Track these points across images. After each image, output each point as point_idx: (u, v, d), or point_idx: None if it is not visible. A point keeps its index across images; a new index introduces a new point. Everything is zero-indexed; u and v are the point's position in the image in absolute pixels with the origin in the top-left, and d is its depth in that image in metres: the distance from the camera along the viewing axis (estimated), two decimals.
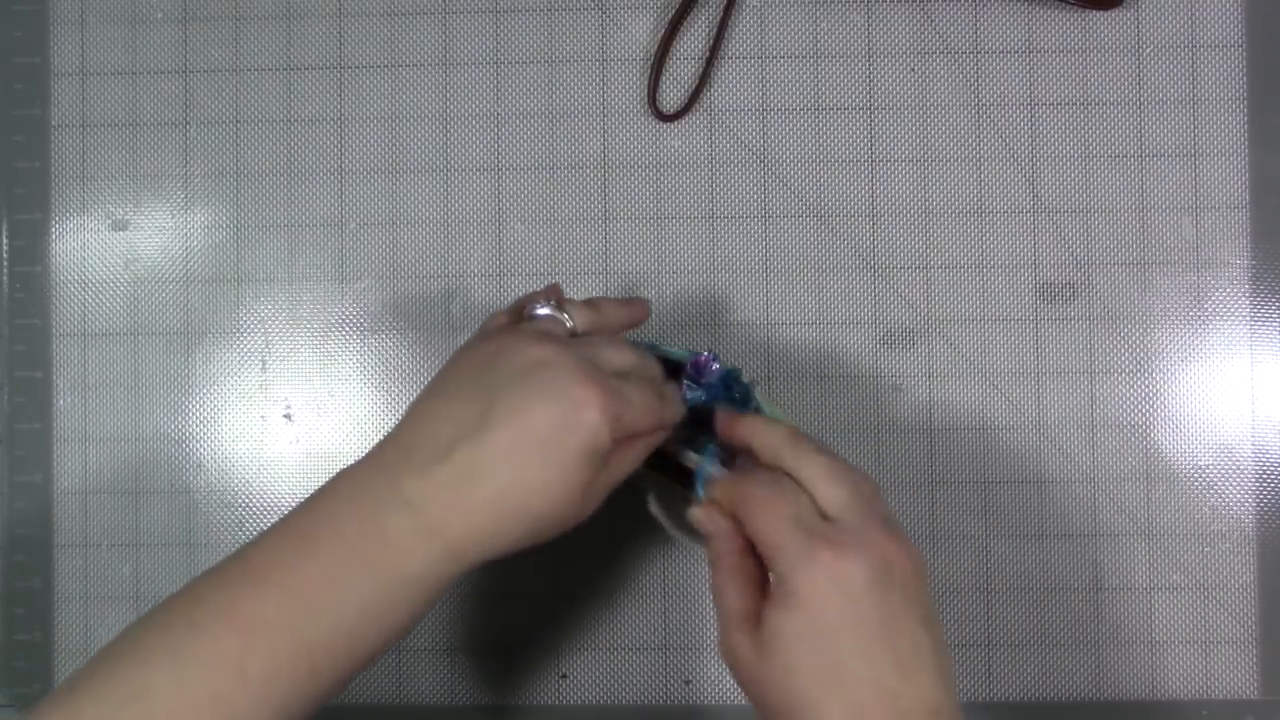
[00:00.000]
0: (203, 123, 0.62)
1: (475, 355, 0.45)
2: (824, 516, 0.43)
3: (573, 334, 0.47)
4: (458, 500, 0.42)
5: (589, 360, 0.44)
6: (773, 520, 0.43)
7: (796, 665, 0.41)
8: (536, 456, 0.42)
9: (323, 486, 0.44)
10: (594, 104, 0.61)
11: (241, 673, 0.40)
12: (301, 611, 0.41)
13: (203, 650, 0.40)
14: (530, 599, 0.61)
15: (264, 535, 0.43)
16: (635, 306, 0.51)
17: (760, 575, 0.44)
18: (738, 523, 0.45)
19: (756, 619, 0.43)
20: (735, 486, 0.45)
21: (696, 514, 0.47)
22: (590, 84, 0.61)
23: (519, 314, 0.49)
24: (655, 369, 0.48)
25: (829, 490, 0.44)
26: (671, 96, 0.61)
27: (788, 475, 0.45)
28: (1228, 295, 0.60)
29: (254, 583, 0.41)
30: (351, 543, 0.42)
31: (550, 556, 0.61)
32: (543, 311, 0.48)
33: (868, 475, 0.45)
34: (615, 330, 0.50)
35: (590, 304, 0.49)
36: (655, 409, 0.45)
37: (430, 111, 0.62)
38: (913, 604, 0.42)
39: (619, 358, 0.46)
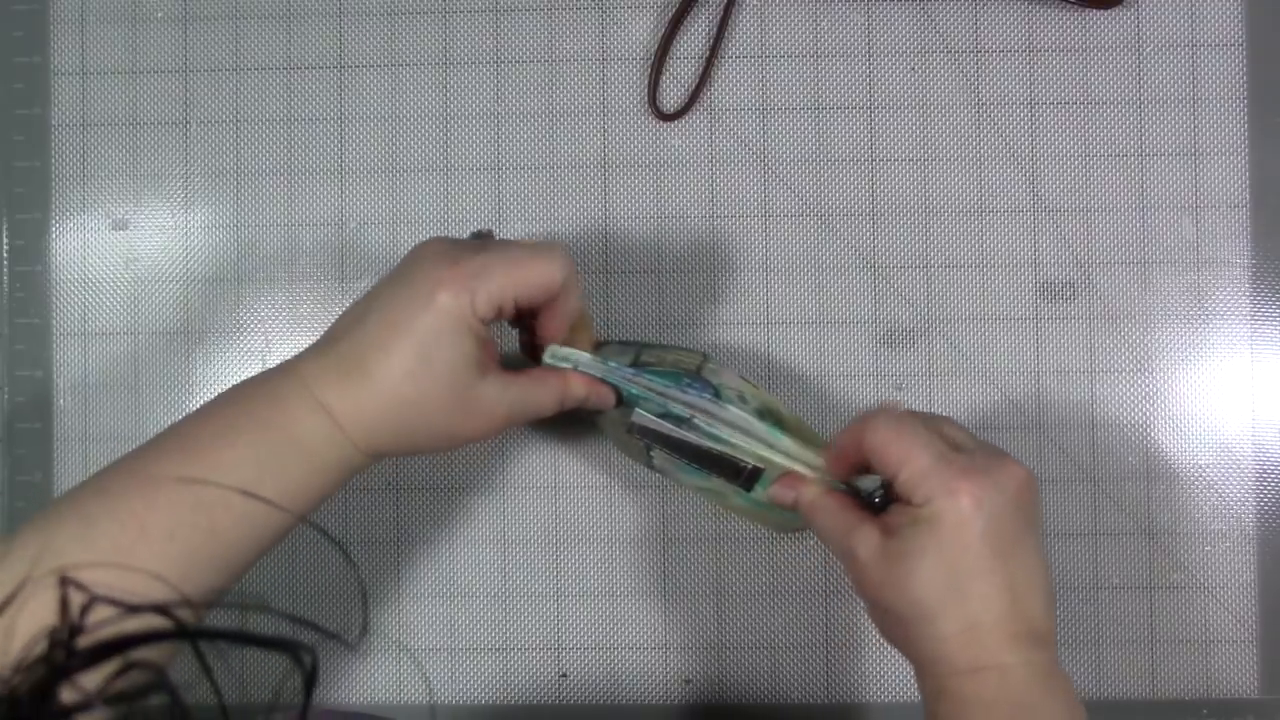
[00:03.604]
0: (203, 122, 0.62)
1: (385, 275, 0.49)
2: (955, 449, 0.46)
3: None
4: (349, 391, 0.45)
5: (452, 245, 0.47)
6: (914, 450, 0.45)
7: (922, 577, 0.43)
8: (400, 342, 0.45)
9: (242, 384, 0.47)
10: (594, 103, 0.61)
11: (143, 528, 0.41)
12: (199, 468, 0.43)
13: (107, 509, 0.42)
14: (530, 599, 0.61)
15: (195, 414, 0.46)
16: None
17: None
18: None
19: (877, 528, 0.45)
20: (865, 428, 0.46)
21: (776, 491, 0.50)
22: (590, 83, 0.61)
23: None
24: (549, 271, 0.48)
25: (951, 429, 0.47)
26: (672, 96, 0.61)
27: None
28: (1228, 294, 0.60)
29: (157, 448, 0.45)
30: (250, 408, 0.45)
31: (550, 556, 0.61)
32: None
33: (952, 422, 0.48)
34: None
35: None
36: (518, 266, 0.46)
37: (430, 111, 0.62)
38: (1033, 528, 0.45)
39: (506, 249, 0.47)
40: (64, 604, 0.29)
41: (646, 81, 0.61)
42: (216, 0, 0.62)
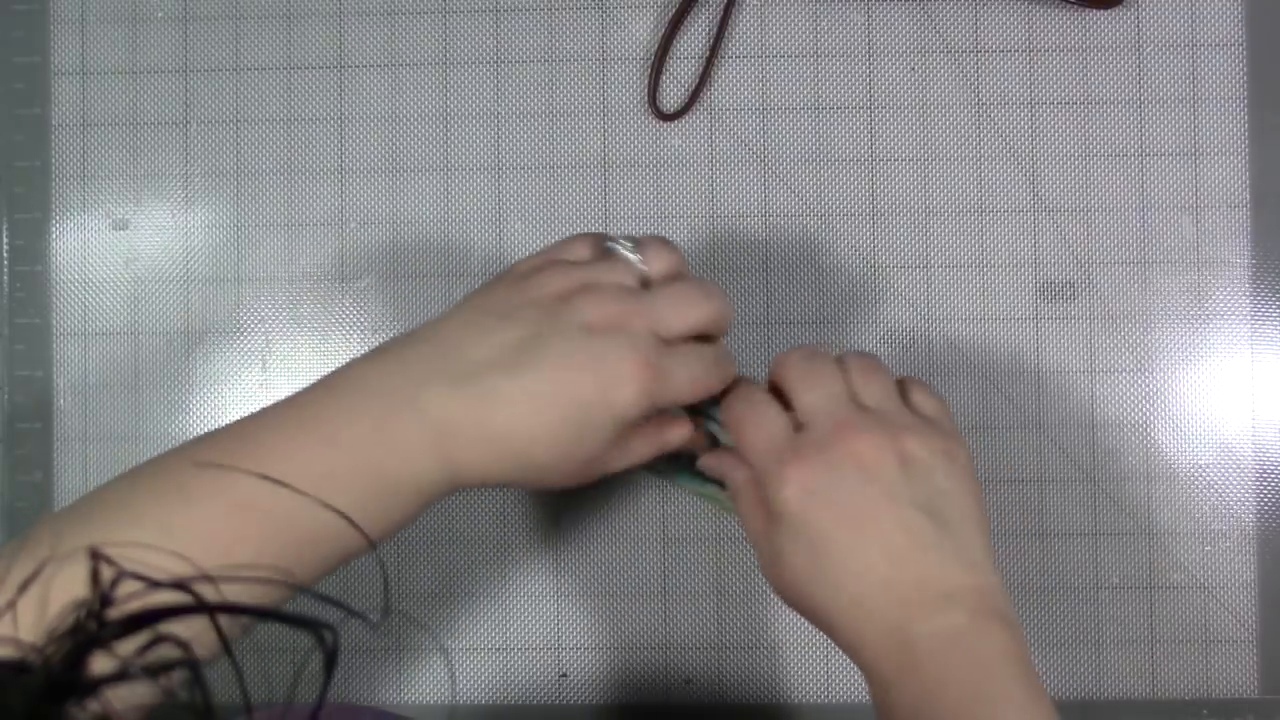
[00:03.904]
0: (203, 122, 0.62)
1: (542, 287, 0.44)
2: (798, 425, 0.44)
3: (645, 282, 0.45)
4: (472, 424, 0.41)
5: (649, 332, 0.43)
6: (749, 444, 0.44)
7: (796, 574, 0.43)
8: (559, 413, 0.41)
9: (339, 374, 0.43)
10: (594, 103, 0.61)
11: (228, 555, 0.38)
12: (297, 504, 0.39)
13: (193, 526, 0.39)
14: (530, 599, 0.61)
15: (273, 411, 0.42)
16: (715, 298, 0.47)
17: None
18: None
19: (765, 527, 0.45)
20: (723, 417, 0.46)
21: (707, 461, 0.48)
22: (590, 83, 0.61)
23: (599, 247, 0.47)
24: (722, 323, 0.45)
25: (804, 397, 0.45)
26: (672, 96, 0.61)
27: (771, 392, 0.46)
28: (1228, 294, 0.60)
29: (255, 465, 0.40)
30: (360, 442, 0.41)
31: (551, 556, 0.61)
32: (624, 253, 0.46)
33: (864, 359, 0.47)
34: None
35: (669, 248, 0.46)
36: (701, 383, 0.44)
37: (430, 111, 0.62)
38: (897, 493, 0.42)
39: (683, 319, 0.44)
40: (95, 576, 0.28)
41: (646, 81, 0.61)
42: (216, 0, 0.62)
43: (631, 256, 0.45)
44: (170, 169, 0.62)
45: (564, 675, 0.61)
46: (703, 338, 0.45)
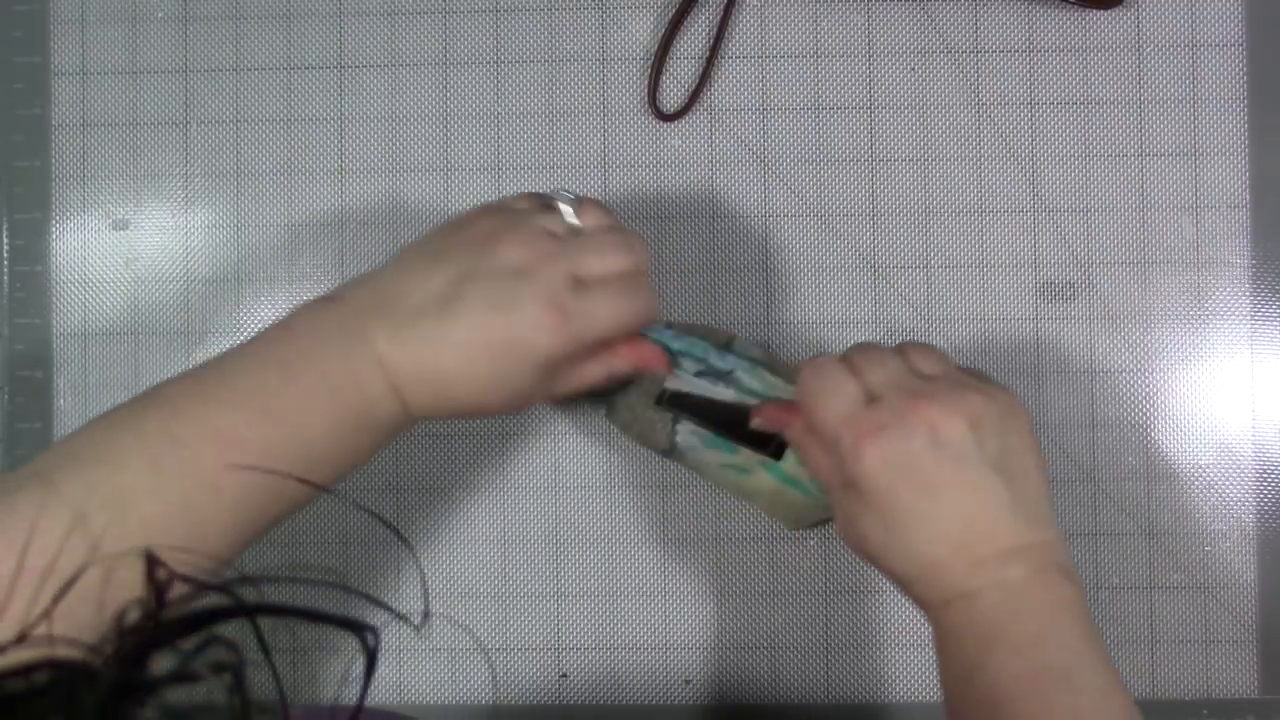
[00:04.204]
0: (203, 122, 0.62)
1: (473, 229, 0.47)
2: (870, 398, 0.45)
3: (573, 231, 0.48)
4: (411, 366, 0.44)
5: (567, 275, 0.46)
6: (826, 408, 0.46)
7: (872, 541, 0.45)
8: (484, 355, 0.45)
9: (297, 314, 0.46)
10: (594, 103, 0.61)
11: (215, 488, 0.41)
12: (277, 434, 0.43)
13: (181, 463, 0.41)
14: (530, 599, 0.61)
15: (237, 355, 0.45)
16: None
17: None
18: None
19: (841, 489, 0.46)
20: (800, 380, 0.47)
21: (766, 411, 0.50)
22: (590, 83, 0.61)
23: (539, 201, 0.50)
24: (640, 263, 0.49)
25: (872, 375, 0.46)
26: (672, 96, 0.61)
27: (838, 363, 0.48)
28: (1228, 294, 0.60)
29: (233, 404, 0.43)
30: (328, 379, 0.44)
31: (550, 556, 0.61)
32: (561, 205, 0.49)
33: (921, 347, 0.48)
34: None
35: (602, 207, 0.50)
36: (623, 318, 0.47)
37: (430, 111, 0.62)
38: (969, 455, 0.44)
39: (601, 264, 0.47)
40: (152, 581, 0.30)
41: (646, 81, 0.61)
42: (216, 0, 0.62)
43: (566, 208, 0.49)
44: (170, 169, 0.62)
45: (564, 675, 0.61)
46: None
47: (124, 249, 0.62)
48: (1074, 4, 0.60)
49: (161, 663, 0.28)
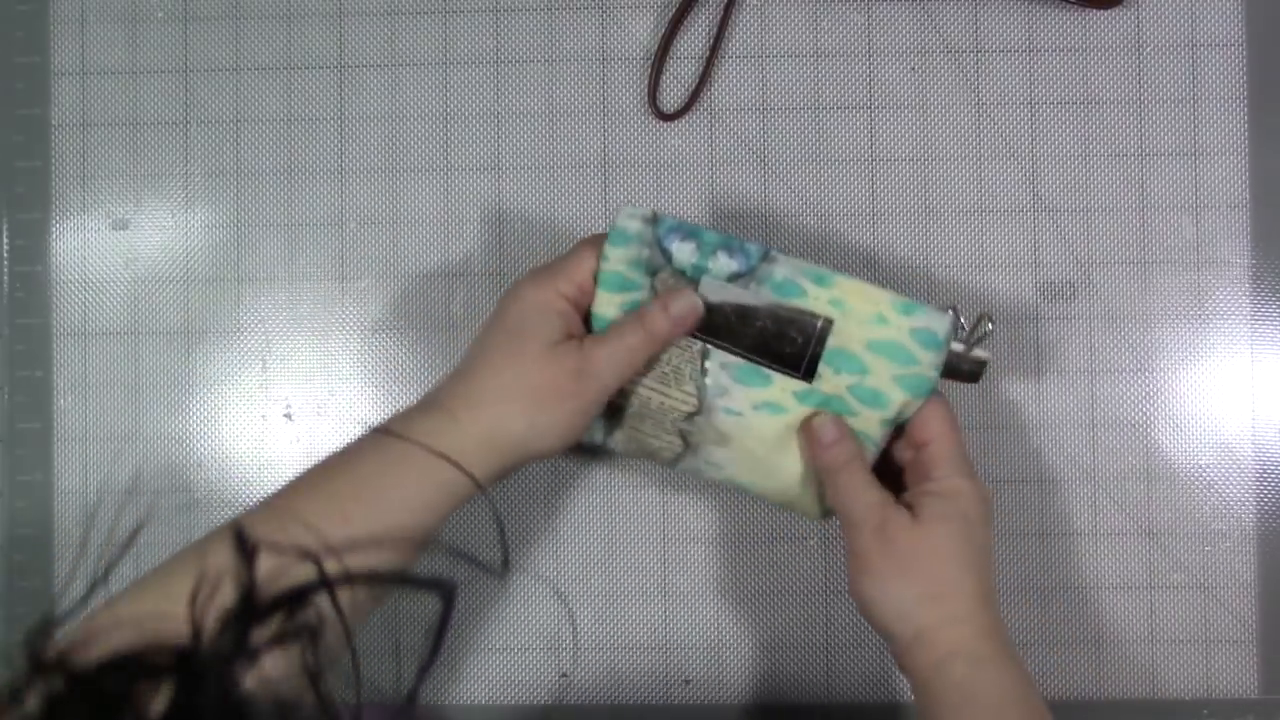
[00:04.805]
0: (203, 122, 0.62)
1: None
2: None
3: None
4: (474, 413, 0.49)
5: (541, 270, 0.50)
6: (951, 433, 0.51)
7: (946, 544, 0.49)
8: (500, 357, 0.49)
9: (371, 444, 0.50)
10: (594, 103, 0.61)
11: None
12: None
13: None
14: (531, 599, 0.61)
15: (356, 459, 0.49)
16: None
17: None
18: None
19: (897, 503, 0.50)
20: (929, 405, 0.52)
21: (820, 423, 0.51)
22: (590, 83, 0.61)
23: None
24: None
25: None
26: (672, 95, 0.61)
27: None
28: (1228, 294, 0.60)
29: (371, 499, 0.48)
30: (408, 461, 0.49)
31: (551, 556, 0.61)
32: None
33: None
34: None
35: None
36: (576, 259, 0.50)
37: (430, 111, 0.62)
38: (978, 538, 0.51)
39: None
40: (243, 553, 0.34)
41: (646, 81, 0.61)
42: (216, 0, 0.62)
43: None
44: (170, 169, 0.62)
45: (564, 675, 0.61)
46: None
47: (124, 249, 0.62)
48: (1074, 4, 0.60)
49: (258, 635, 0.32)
